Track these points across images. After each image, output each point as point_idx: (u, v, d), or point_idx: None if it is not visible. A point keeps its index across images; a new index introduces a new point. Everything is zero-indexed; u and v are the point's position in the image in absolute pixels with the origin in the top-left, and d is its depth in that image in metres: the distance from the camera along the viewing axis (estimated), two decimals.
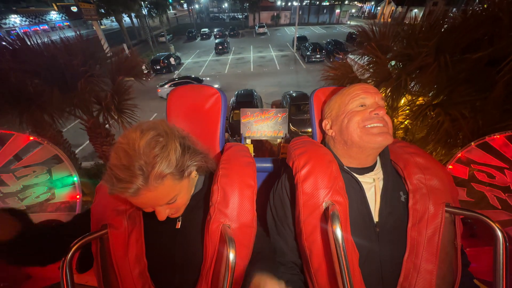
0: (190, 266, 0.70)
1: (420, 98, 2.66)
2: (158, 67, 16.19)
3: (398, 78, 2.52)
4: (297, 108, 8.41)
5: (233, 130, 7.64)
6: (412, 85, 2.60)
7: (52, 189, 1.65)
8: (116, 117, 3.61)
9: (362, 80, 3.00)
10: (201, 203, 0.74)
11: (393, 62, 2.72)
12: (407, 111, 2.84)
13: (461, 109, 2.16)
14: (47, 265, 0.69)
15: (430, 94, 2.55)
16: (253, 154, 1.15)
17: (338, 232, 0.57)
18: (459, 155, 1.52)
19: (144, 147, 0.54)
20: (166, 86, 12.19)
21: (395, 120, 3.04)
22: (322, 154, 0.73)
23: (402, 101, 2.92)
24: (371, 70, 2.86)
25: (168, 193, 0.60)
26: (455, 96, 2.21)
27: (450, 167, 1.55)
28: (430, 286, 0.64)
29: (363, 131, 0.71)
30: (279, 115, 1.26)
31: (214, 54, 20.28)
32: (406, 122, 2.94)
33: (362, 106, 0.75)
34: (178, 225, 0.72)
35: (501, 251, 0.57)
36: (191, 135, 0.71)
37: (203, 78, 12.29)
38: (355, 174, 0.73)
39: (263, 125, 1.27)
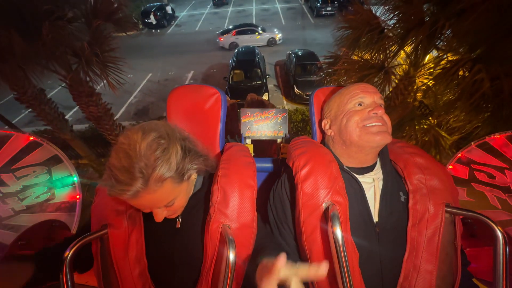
0: (190, 266, 0.70)
1: (449, 55, 2.30)
2: (150, 20, 14.38)
3: (433, 25, 2.09)
4: (302, 68, 7.81)
5: (233, 92, 7.10)
6: (442, 38, 2.20)
7: (52, 189, 1.65)
8: (98, 72, 3.09)
9: (385, 28, 2.61)
10: (201, 202, 0.74)
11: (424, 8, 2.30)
12: (432, 70, 2.49)
13: (506, 66, 1.80)
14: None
15: (461, 49, 2.17)
16: (253, 154, 1.15)
17: (338, 233, 0.57)
18: (459, 155, 1.52)
19: (145, 149, 0.53)
20: (229, 34, 11.05)
21: (417, 80, 2.71)
22: (322, 154, 0.73)
23: (426, 58, 2.59)
24: (398, 16, 2.41)
25: (167, 196, 0.59)
26: (499, 50, 1.86)
27: (450, 167, 1.55)
28: (430, 286, 0.64)
29: (362, 130, 0.71)
30: (279, 115, 1.26)
31: (212, 6, 18.25)
32: (430, 83, 2.59)
33: (360, 105, 0.74)
34: (178, 224, 0.72)
35: (501, 251, 0.57)
36: (191, 135, 0.71)
37: (261, 26, 11.43)
38: (355, 174, 0.73)
39: (263, 125, 1.27)
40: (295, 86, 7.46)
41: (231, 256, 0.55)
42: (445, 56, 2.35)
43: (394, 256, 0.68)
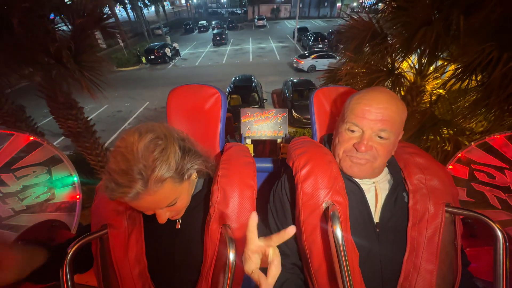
0: (190, 266, 0.70)
1: (453, 66, 2.05)
2: (153, 57, 15.52)
3: (445, 19, 1.85)
4: (299, 94, 8.21)
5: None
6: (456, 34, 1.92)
7: (52, 189, 1.65)
8: (76, 76, 2.67)
9: (388, 34, 2.41)
10: (201, 204, 0.74)
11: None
12: (441, 76, 2.29)
13: None
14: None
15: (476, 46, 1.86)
16: (253, 154, 1.15)
17: (338, 232, 0.57)
18: (459, 155, 1.52)
19: (143, 150, 0.53)
20: (309, 58, 11.93)
21: (428, 87, 2.43)
22: (322, 154, 0.73)
23: (432, 67, 2.38)
24: (403, 16, 2.18)
25: (168, 197, 0.59)
26: None
27: (450, 167, 1.55)
28: (430, 286, 0.64)
29: (344, 158, 0.72)
30: (279, 115, 1.26)
31: (212, 46, 19.93)
32: (442, 92, 2.39)
33: (352, 131, 0.70)
34: (178, 225, 0.72)
35: (501, 251, 0.57)
36: (191, 135, 0.71)
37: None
38: (354, 178, 0.73)
39: (263, 125, 1.27)
40: (293, 110, 7.76)
41: (231, 256, 0.55)
42: (454, 64, 2.13)
43: (394, 256, 0.68)
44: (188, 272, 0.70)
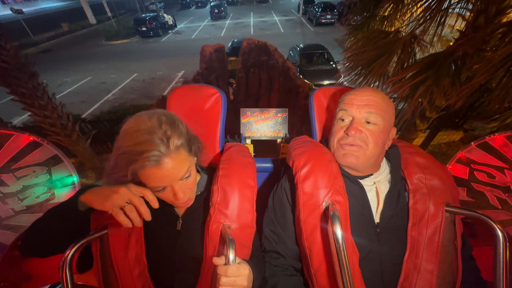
0: (190, 266, 0.70)
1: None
2: (144, 28, 14.22)
3: None
4: (308, 59, 7.38)
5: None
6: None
7: (52, 189, 1.66)
8: None
9: None
10: (201, 206, 0.74)
11: None
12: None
13: None
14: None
15: None
16: (253, 154, 1.15)
17: (338, 232, 0.57)
18: (459, 155, 1.52)
19: (156, 125, 0.57)
20: None
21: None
22: (322, 154, 0.73)
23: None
24: None
25: (185, 164, 0.62)
26: None
27: (450, 167, 1.55)
28: (431, 286, 0.64)
29: (338, 149, 0.73)
30: (279, 115, 1.26)
31: (210, 20, 19.15)
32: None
33: (343, 120, 0.73)
34: (179, 226, 0.72)
35: (501, 251, 0.57)
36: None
37: None
38: (354, 175, 0.73)
39: (263, 125, 1.27)
40: (301, 77, 6.79)
41: (231, 256, 0.55)
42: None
43: (394, 255, 0.68)
44: (188, 273, 0.70)
